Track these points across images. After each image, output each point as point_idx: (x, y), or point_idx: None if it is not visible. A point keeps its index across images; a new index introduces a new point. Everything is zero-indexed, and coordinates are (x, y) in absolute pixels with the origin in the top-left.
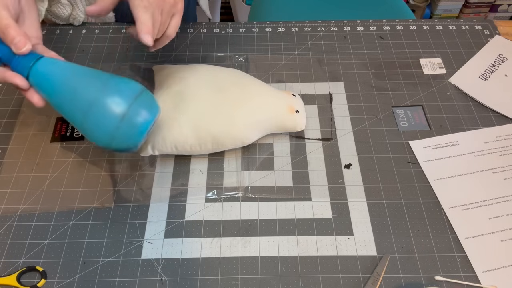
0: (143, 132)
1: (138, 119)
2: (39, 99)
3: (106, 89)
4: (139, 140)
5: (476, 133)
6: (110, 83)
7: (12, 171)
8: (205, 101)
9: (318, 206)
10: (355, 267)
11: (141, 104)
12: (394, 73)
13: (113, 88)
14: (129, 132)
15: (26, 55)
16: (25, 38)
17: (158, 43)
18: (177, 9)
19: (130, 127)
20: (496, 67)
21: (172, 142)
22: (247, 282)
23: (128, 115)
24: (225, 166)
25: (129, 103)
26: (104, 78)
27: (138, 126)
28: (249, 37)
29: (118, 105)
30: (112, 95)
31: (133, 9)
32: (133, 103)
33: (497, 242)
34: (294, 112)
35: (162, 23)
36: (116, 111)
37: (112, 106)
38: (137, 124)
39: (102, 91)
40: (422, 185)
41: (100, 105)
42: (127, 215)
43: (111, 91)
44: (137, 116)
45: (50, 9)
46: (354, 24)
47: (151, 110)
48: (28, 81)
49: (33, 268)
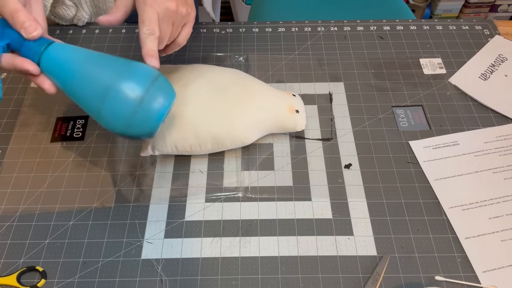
0: (161, 117)
1: (156, 104)
2: (50, 85)
3: (122, 73)
4: (156, 126)
5: (476, 133)
6: (126, 68)
7: (12, 171)
8: (205, 101)
9: (318, 206)
10: (355, 267)
11: (158, 89)
12: (394, 73)
13: (130, 72)
14: (146, 118)
15: (36, 41)
16: (35, 22)
17: (168, 49)
18: (189, 18)
19: (147, 112)
20: (496, 67)
21: (172, 142)
22: (247, 282)
23: (146, 100)
24: (225, 166)
25: (146, 88)
26: (120, 62)
27: (156, 111)
28: (249, 37)
29: (135, 90)
30: (129, 80)
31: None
32: (150, 87)
33: (497, 242)
34: (294, 112)
35: (172, 34)
36: (134, 96)
37: (129, 91)
38: (154, 109)
39: (118, 75)
40: (422, 185)
41: (116, 90)
42: (127, 215)
43: (128, 75)
44: (154, 101)
45: (54, 10)
46: (354, 24)
47: (168, 95)
48: (39, 67)
49: (33, 268)
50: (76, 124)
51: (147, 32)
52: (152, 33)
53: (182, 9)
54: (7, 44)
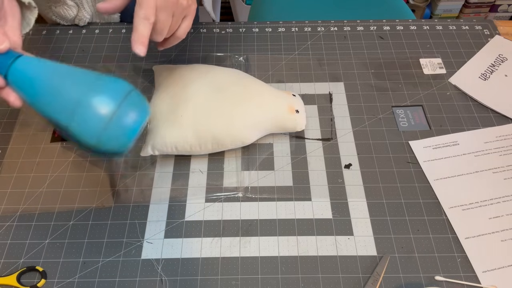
0: (133, 133)
1: (128, 120)
2: (16, 98)
3: (93, 88)
4: (128, 142)
5: (476, 133)
6: (98, 82)
7: (12, 171)
8: (205, 101)
9: (318, 206)
10: (355, 267)
11: (131, 104)
12: (394, 73)
13: (101, 87)
14: (118, 133)
15: (4, 54)
16: (3, 36)
17: (167, 42)
18: (190, 11)
19: (119, 128)
20: (496, 67)
21: (172, 142)
22: (247, 282)
23: (117, 115)
24: (225, 166)
25: (118, 103)
26: (91, 77)
27: (128, 127)
28: (249, 37)
29: (106, 105)
30: (100, 94)
31: (134, 16)
32: (122, 103)
33: (497, 242)
34: (294, 112)
35: (172, 25)
36: (104, 111)
37: (99, 106)
38: (126, 125)
39: (89, 90)
40: (422, 185)
41: (87, 105)
42: (127, 215)
43: (99, 90)
44: (126, 117)
45: (56, 10)
46: (354, 24)
47: (141, 111)
48: (5, 80)
49: (33, 268)
50: None
51: (142, 16)
52: (146, 18)
53: (182, 1)
54: None
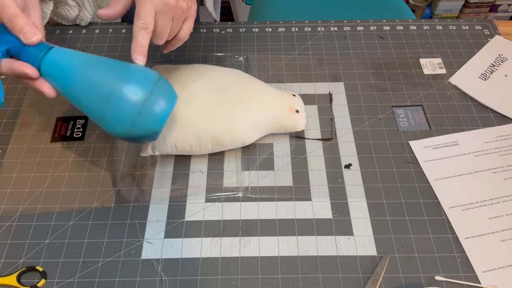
0: (164, 119)
1: (158, 106)
2: (50, 88)
3: (124, 76)
4: (159, 128)
5: (476, 133)
6: (128, 71)
7: (12, 171)
8: (205, 101)
9: (318, 206)
10: (355, 267)
11: (160, 91)
12: (394, 73)
13: (132, 75)
14: (149, 120)
15: (36, 46)
16: (34, 27)
17: (170, 45)
18: (190, 13)
19: (150, 114)
20: (496, 67)
21: (172, 142)
22: (247, 282)
23: (149, 102)
24: (225, 166)
25: (149, 90)
26: (121, 66)
27: (159, 113)
28: (249, 37)
29: (138, 92)
30: (132, 83)
31: (133, 25)
32: (153, 90)
33: (497, 242)
34: (294, 112)
35: (173, 29)
36: (137, 98)
37: (132, 94)
38: (157, 111)
39: (120, 79)
40: (422, 185)
41: (119, 93)
42: (127, 215)
43: (130, 78)
44: (157, 103)
45: (57, 10)
46: (354, 24)
47: (170, 97)
48: (38, 71)
49: (33, 268)
50: (76, 124)
51: (140, 26)
52: (145, 28)
53: (182, 3)
54: (7, 50)
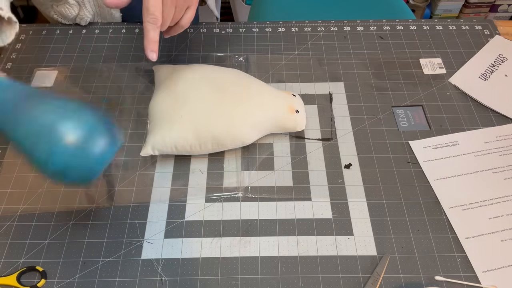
0: (101, 162)
1: (96, 148)
2: None
3: (60, 115)
4: (97, 171)
5: (476, 133)
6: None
7: (12, 171)
8: (205, 101)
9: (318, 206)
10: (355, 267)
11: (100, 134)
12: (394, 73)
13: (69, 114)
14: (85, 162)
15: None
16: None
17: (172, 30)
18: (193, 1)
19: (86, 156)
20: (496, 67)
21: (172, 142)
22: (247, 282)
23: (84, 143)
24: (225, 166)
25: (85, 132)
26: (59, 104)
27: (96, 156)
28: (249, 37)
29: (73, 133)
30: (67, 122)
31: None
32: (91, 131)
33: (497, 242)
34: (294, 112)
35: (175, 16)
36: (71, 139)
37: (66, 133)
38: (94, 154)
39: (54, 120)
40: (422, 185)
41: (53, 132)
42: (127, 215)
43: (66, 117)
44: (94, 145)
45: (57, 9)
46: (354, 24)
47: (112, 142)
48: None
49: (33, 268)
50: None
51: (151, 21)
52: (155, 22)
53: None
54: None
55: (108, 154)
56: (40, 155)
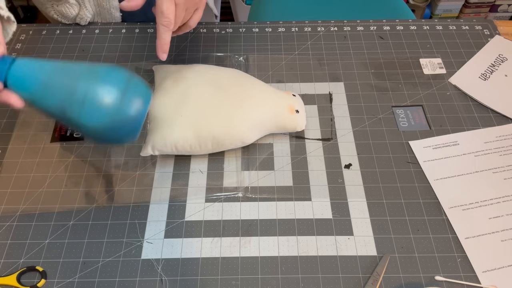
0: (141, 117)
1: (134, 105)
2: (16, 99)
3: (96, 78)
4: (138, 126)
5: (476, 133)
6: (98, 72)
7: (12, 171)
8: (205, 101)
9: (318, 206)
10: (355, 267)
11: (134, 90)
12: (394, 73)
13: (103, 76)
14: (126, 118)
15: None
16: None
17: (180, 30)
18: (201, 4)
19: (127, 113)
20: (496, 67)
21: (172, 142)
22: (247, 282)
23: (124, 101)
24: (225, 166)
25: (123, 90)
26: (91, 68)
27: (135, 111)
28: (249, 37)
29: (113, 93)
30: (105, 84)
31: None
32: (127, 89)
33: (497, 242)
34: (294, 112)
35: (185, 18)
36: (112, 99)
37: (106, 95)
38: (133, 109)
39: (93, 81)
40: (422, 185)
41: (93, 95)
42: (127, 215)
43: (102, 79)
44: (131, 102)
45: (57, 8)
46: (354, 24)
47: (144, 94)
48: (3, 84)
49: (33, 268)
50: None
51: (165, 24)
52: (168, 25)
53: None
54: None
55: (144, 108)
56: (83, 121)
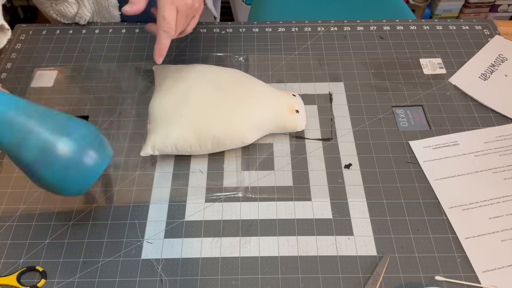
0: (94, 177)
1: (88, 161)
2: None
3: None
4: (88, 184)
5: (476, 133)
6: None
7: (12, 171)
8: (205, 101)
9: (318, 206)
10: (355, 267)
11: (92, 147)
12: (394, 73)
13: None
14: (79, 174)
15: None
16: None
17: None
18: (199, 11)
19: (79, 168)
20: (496, 67)
21: (172, 142)
22: (247, 282)
23: (77, 156)
24: (225, 166)
25: (78, 145)
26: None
27: (88, 168)
28: (249, 37)
29: (67, 146)
30: (61, 136)
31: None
32: (83, 144)
33: (497, 242)
34: (294, 112)
35: (183, 25)
36: (64, 152)
37: (60, 147)
38: (87, 166)
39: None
40: (422, 185)
41: (49, 146)
42: (127, 215)
43: (61, 132)
44: (87, 158)
45: (56, 7)
46: (354, 24)
47: (104, 154)
48: None
49: (33, 268)
50: None
51: (166, 30)
52: (170, 31)
53: (195, 4)
54: None
55: (101, 166)
56: (35, 169)
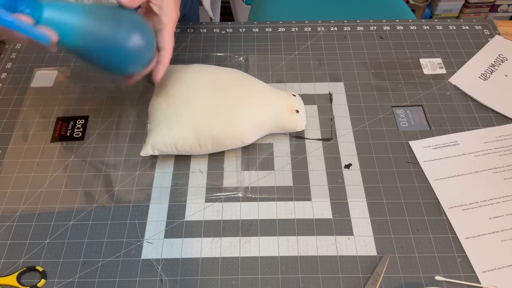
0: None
1: (145, 40)
2: (53, 32)
3: (115, 21)
4: (148, 59)
5: (476, 133)
6: (117, 15)
7: (12, 171)
8: (205, 101)
9: (318, 206)
10: (355, 267)
11: (139, 30)
12: (394, 73)
13: (121, 19)
14: (138, 53)
15: (31, 2)
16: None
17: None
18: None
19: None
20: (496, 67)
21: (172, 142)
22: (247, 282)
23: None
24: (225, 166)
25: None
26: (111, 11)
27: (146, 45)
28: (249, 37)
29: (128, 33)
30: (121, 26)
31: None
32: (138, 29)
33: (497, 242)
34: (294, 112)
35: None
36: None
37: (123, 35)
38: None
39: (114, 23)
40: (422, 185)
41: (115, 36)
42: (127, 215)
43: (120, 22)
44: (144, 38)
45: None
46: (354, 24)
47: (149, 32)
48: None
49: (33, 268)
50: (76, 124)
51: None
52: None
53: (178, 14)
54: None
55: (153, 46)
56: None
